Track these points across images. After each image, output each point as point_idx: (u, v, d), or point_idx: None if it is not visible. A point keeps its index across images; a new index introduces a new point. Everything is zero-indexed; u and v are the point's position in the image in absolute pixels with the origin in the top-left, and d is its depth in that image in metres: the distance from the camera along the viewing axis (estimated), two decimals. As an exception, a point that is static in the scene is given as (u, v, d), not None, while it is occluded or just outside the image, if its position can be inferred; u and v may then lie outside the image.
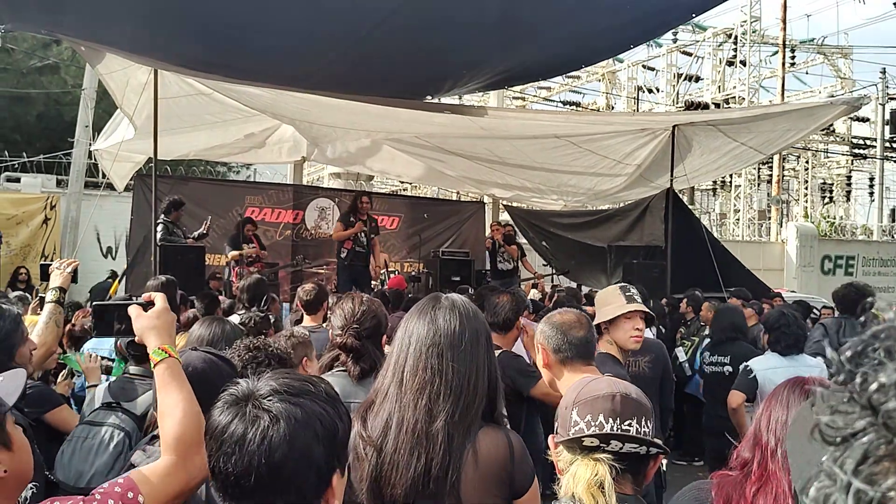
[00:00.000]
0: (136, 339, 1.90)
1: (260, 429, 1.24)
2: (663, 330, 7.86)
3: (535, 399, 3.98)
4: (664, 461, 4.11)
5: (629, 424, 1.46)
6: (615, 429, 1.44)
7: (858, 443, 0.54)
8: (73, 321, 5.93)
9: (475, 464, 1.84)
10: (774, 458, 1.82)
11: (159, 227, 9.05)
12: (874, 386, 0.54)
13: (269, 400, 1.27)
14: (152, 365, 1.82)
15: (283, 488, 1.26)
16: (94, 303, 2.16)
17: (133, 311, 1.91)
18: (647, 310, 3.50)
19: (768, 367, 4.59)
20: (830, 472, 0.55)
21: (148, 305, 1.93)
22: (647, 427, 1.49)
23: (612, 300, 3.42)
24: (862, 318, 0.61)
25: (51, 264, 3.66)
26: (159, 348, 1.83)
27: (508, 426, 2.18)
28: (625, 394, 1.49)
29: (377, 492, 1.85)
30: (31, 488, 2.13)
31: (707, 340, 6.95)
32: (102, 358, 4.17)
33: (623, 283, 3.59)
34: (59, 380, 4.75)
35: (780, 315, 4.80)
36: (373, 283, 10.56)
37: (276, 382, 1.31)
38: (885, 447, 0.52)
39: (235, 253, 9.87)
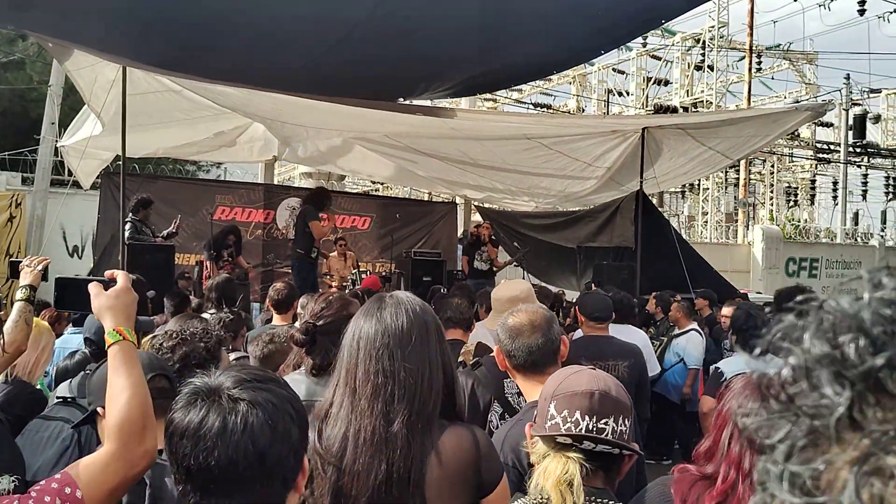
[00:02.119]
0: (94, 314, 1.83)
1: (240, 416, 1.22)
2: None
3: None
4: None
5: (605, 423, 1.45)
6: (591, 426, 1.44)
7: (780, 436, 0.55)
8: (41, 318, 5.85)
9: (439, 464, 1.79)
10: (747, 480, 1.71)
11: (127, 226, 8.94)
12: (785, 375, 0.56)
13: (240, 389, 1.25)
14: (106, 346, 1.75)
15: (269, 474, 1.24)
16: (57, 276, 2.06)
17: (93, 288, 1.82)
18: None
19: (738, 369, 4.63)
20: (764, 472, 0.55)
21: (110, 283, 1.85)
22: (625, 425, 1.49)
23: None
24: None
25: (21, 262, 3.62)
26: (114, 330, 1.75)
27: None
28: (604, 391, 1.47)
29: None
30: (14, 481, 2.10)
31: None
32: None
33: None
34: None
35: (747, 315, 4.83)
36: (343, 284, 10.52)
37: (239, 374, 1.30)
38: (806, 435, 0.53)
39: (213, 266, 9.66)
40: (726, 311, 7.30)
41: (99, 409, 2.02)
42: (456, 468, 1.81)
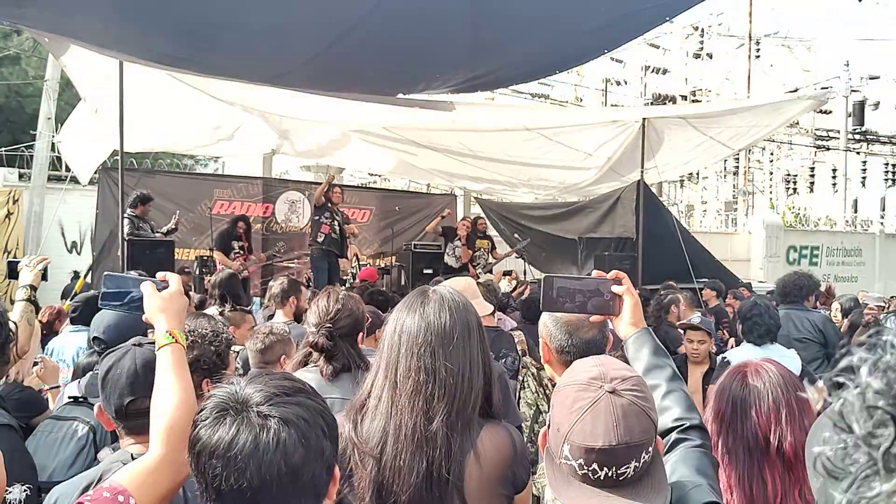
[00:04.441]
0: (144, 317, 1.85)
1: (272, 434, 1.17)
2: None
3: None
4: None
5: (626, 468, 1.37)
6: (610, 474, 1.37)
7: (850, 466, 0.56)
8: (39, 317, 5.80)
9: (478, 463, 1.80)
10: (715, 448, 1.87)
11: (125, 222, 8.87)
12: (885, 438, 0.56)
13: (270, 405, 1.21)
14: (157, 348, 1.76)
15: (302, 491, 1.21)
16: (106, 272, 2.08)
17: (147, 287, 1.85)
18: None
19: (745, 358, 4.61)
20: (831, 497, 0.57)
21: (161, 285, 1.87)
22: (647, 454, 1.38)
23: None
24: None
25: (19, 261, 3.59)
26: (167, 332, 1.77)
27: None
28: (624, 443, 1.35)
29: (379, 501, 1.79)
30: (25, 490, 2.07)
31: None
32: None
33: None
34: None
35: (752, 305, 4.79)
36: (343, 277, 10.52)
37: (266, 387, 1.25)
38: (866, 470, 0.55)
39: (225, 259, 9.65)
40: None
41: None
42: (495, 467, 1.82)
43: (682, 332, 5.05)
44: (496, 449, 1.83)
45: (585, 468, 1.36)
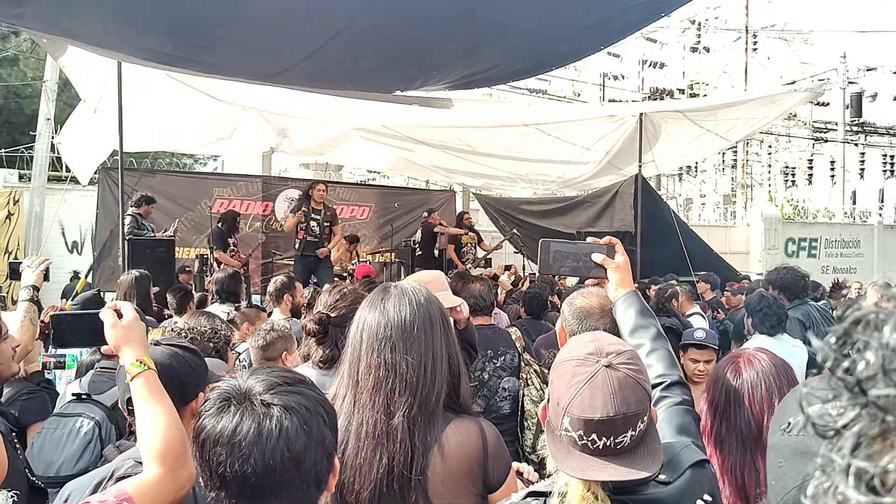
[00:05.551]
0: (105, 349, 1.83)
1: (275, 422, 1.20)
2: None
3: None
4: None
5: (623, 437, 1.43)
6: (609, 443, 1.41)
7: (850, 431, 0.52)
8: (41, 317, 5.84)
9: (442, 458, 1.76)
10: (709, 437, 1.91)
11: (127, 219, 8.91)
12: (860, 367, 0.53)
13: (272, 394, 1.24)
14: (129, 378, 1.75)
15: (304, 478, 1.23)
16: (52, 314, 2.05)
17: (108, 317, 1.80)
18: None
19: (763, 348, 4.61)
20: (827, 460, 0.52)
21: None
22: (643, 423, 1.44)
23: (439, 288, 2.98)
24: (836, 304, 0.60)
25: (20, 263, 3.62)
26: (138, 361, 1.75)
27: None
28: (622, 414, 1.40)
29: (341, 500, 1.76)
30: (13, 496, 2.08)
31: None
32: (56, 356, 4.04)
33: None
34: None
35: (760, 297, 4.82)
36: (343, 274, 10.53)
37: (268, 377, 1.28)
38: (877, 427, 0.51)
39: (228, 259, 9.71)
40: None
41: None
42: (460, 463, 1.78)
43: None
44: (461, 443, 1.79)
45: (585, 439, 1.41)
